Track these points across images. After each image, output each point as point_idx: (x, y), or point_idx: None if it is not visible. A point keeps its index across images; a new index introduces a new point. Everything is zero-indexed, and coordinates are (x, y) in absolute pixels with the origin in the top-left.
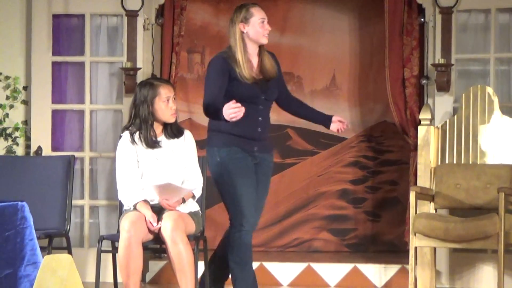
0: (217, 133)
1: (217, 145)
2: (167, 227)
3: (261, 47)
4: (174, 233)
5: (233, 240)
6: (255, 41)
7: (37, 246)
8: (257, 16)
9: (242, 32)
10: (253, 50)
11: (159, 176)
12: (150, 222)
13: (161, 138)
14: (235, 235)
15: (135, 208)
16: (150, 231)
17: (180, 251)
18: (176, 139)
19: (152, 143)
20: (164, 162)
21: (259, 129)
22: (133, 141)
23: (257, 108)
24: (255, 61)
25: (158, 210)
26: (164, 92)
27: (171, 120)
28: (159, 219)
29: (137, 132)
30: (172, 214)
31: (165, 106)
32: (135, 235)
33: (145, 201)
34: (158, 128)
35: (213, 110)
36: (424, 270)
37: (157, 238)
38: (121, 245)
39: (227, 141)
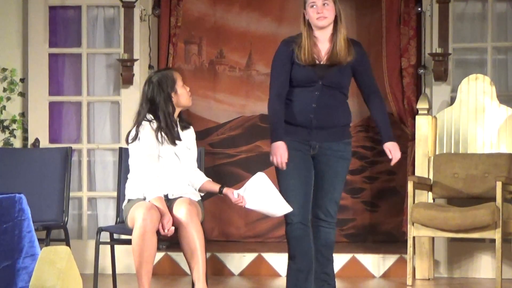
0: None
1: None
2: (182, 211)
3: (337, 33)
4: (189, 217)
5: (286, 235)
6: (314, 25)
7: (35, 238)
8: (309, 0)
9: (305, 19)
10: (322, 36)
11: (177, 172)
12: (164, 224)
13: (177, 130)
14: (285, 229)
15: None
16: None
17: (193, 235)
18: (187, 131)
19: (175, 139)
20: (182, 158)
21: (311, 115)
22: (158, 134)
23: (311, 94)
24: (324, 46)
25: (167, 201)
26: (178, 77)
27: (190, 102)
28: (169, 208)
29: (163, 127)
30: (185, 200)
31: (185, 89)
32: (151, 222)
33: (161, 198)
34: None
35: (272, 110)
36: (422, 260)
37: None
38: (135, 232)
39: (285, 131)
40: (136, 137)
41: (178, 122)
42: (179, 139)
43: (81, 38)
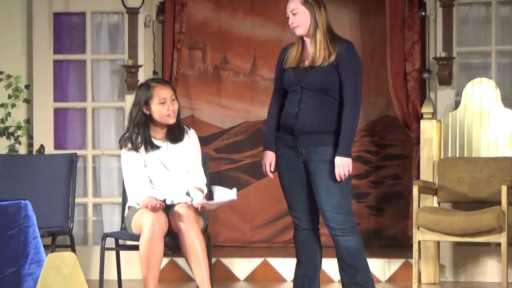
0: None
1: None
2: (180, 217)
3: (312, 37)
4: (187, 223)
5: (293, 240)
6: None
7: (41, 244)
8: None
9: None
10: (308, 40)
11: (167, 181)
12: (154, 206)
13: (165, 143)
14: (293, 235)
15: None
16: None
17: (193, 240)
18: (181, 143)
19: (151, 145)
20: (169, 165)
21: (293, 120)
22: (135, 146)
23: (295, 98)
24: (310, 50)
25: (167, 207)
26: (160, 93)
27: (169, 121)
28: (168, 213)
29: (137, 137)
30: (183, 206)
31: (161, 107)
32: (159, 228)
33: (150, 196)
34: (160, 131)
35: (267, 118)
36: (428, 264)
37: (168, 233)
38: (143, 237)
39: (278, 137)
40: (122, 144)
41: (166, 135)
42: (152, 148)
43: (86, 44)
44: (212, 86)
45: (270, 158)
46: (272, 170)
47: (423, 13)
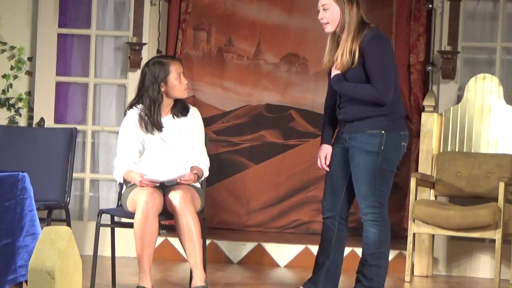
0: None
1: None
2: (176, 198)
3: (341, 38)
4: (183, 204)
5: None
6: None
7: (37, 217)
8: None
9: None
10: (342, 38)
11: (167, 158)
12: (148, 182)
13: (169, 117)
14: None
15: (125, 182)
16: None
17: (188, 222)
18: (184, 118)
19: (159, 126)
20: (170, 142)
21: (338, 111)
22: (140, 120)
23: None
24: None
25: (163, 187)
26: (175, 68)
27: (184, 95)
28: (165, 194)
29: (145, 113)
30: (179, 187)
31: (178, 82)
32: (153, 206)
33: (128, 170)
34: (167, 107)
35: (324, 109)
36: (422, 257)
37: (163, 212)
38: (138, 215)
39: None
40: (127, 109)
41: (171, 111)
42: (159, 129)
43: (91, 19)
44: (215, 68)
45: (325, 151)
46: (328, 163)
47: (430, 6)
